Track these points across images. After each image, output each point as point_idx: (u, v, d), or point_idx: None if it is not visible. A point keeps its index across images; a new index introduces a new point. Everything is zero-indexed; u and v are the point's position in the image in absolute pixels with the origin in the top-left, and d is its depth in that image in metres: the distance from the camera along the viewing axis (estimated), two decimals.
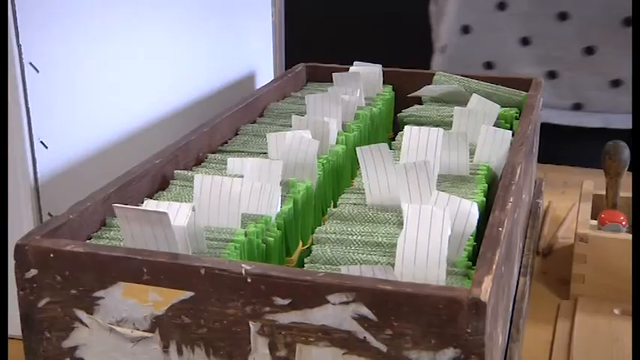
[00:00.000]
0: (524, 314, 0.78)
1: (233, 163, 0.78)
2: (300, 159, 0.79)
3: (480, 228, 0.66)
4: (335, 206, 0.75)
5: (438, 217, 0.57)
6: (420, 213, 0.58)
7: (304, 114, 0.94)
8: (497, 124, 0.93)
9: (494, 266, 0.54)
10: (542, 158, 1.22)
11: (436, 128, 0.76)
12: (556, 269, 0.98)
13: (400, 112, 1.02)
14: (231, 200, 0.67)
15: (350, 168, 0.90)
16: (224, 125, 0.92)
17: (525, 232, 0.93)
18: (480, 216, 0.69)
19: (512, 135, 0.85)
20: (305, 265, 0.63)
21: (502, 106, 1.01)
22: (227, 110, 0.95)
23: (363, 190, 0.73)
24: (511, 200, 0.66)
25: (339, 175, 0.87)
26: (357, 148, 0.72)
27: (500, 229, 0.60)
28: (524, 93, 1.02)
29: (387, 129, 1.11)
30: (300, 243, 0.76)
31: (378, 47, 1.53)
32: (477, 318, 0.50)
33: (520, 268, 0.86)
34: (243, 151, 0.88)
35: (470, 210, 0.61)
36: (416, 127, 0.77)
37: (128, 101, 0.95)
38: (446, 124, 0.96)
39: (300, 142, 0.79)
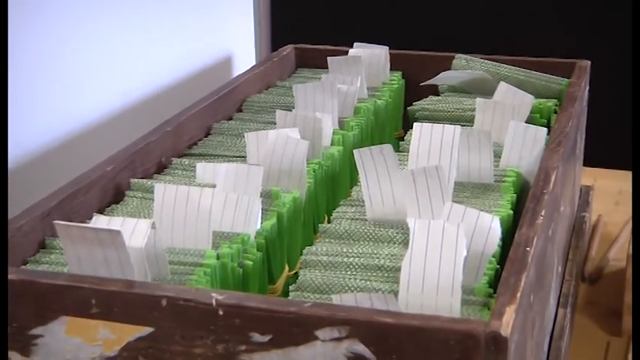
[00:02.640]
0: (563, 354, 0.81)
1: (203, 169, 0.81)
2: (285, 164, 0.81)
3: (507, 248, 0.68)
4: (329, 222, 0.77)
5: (450, 234, 0.60)
6: (429, 229, 0.60)
7: (292, 108, 0.97)
8: (530, 119, 0.96)
9: (518, 294, 0.57)
10: (592, 161, 1.25)
11: (452, 125, 0.78)
12: (605, 299, 1.00)
13: (411, 104, 1.05)
14: (200, 215, 0.69)
15: (348, 175, 0.93)
16: (192, 123, 0.94)
17: (566, 254, 0.96)
18: (505, 233, 0.71)
19: (549, 133, 0.88)
20: (290, 294, 0.65)
21: (537, 97, 1.04)
22: (196, 104, 0.97)
23: (363, 201, 0.75)
24: (543, 214, 0.68)
25: (335, 183, 0.90)
26: (355, 151, 0.75)
27: (528, 248, 0.63)
28: (566, 80, 1.05)
29: (396, 126, 1.14)
30: (287, 267, 0.78)
31: (384, 25, 1.55)
32: (496, 357, 0.52)
33: (559, 297, 0.88)
34: (216, 155, 0.90)
35: (490, 225, 0.64)
36: (427, 125, 0.79)
37: (76, 93, 0.97)
38: (467, 120, 0.98)
39: (285, 144, 0.82)
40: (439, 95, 1.08)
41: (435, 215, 0.69)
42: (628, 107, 1.28)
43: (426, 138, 0.79)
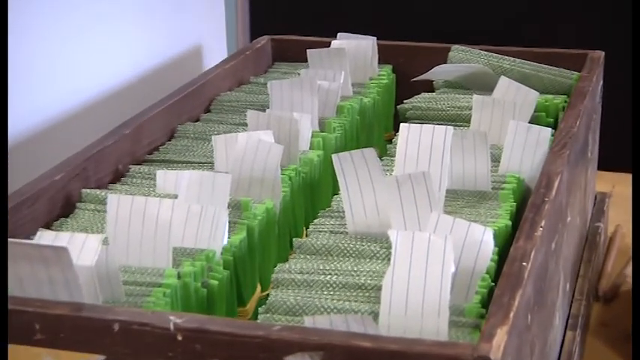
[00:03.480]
0: None
1: (164, 177, 0.82)
2: (257, 171, 0.83)
3: (504, 263, 0.70)
4: (307, 235, 0.79)
5: (437, 247, 0.62)
6: (413, 243, 0.62)
7: (267, 107, 0.99)
8: (534, 119, 0.98)
9: (511, 314, 0.58)
10: (609, 165, 1.27)
11: (444, 126, 0.80)
12: (622, 320, 1.02)
13: (402, 103, 1.06)
14: (159, 229, 0.71)
15: (330, 182, 0.95)
16: (154, 125, 0.96)
17: (577, 269, 0.98)
18: (503, 247, 0.73)
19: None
20: (259, 316, 0.67)
21: (544, 93, 1.06)
22: (158, 104, 0.99)
23: (344, 212, 0.77)
24: (543, 224, 0.70)
25: (315, 192, 0.92)
26: (334, 156, 0.76)
27: (525, 263, 0.64)
28: (577, 74, 1.07)
29: (385, 127, 1.16)
30: (259, 287, 0.80)
31: (372, 13, 1.56)
32: None
33: (567, 318, 0.90)
34: (180, 162, 0.92)
35: (482, 238, 0.66)
36: (416, 125, 0.81)
37: (23, 91, 0.98)
38: (464, 120, 1.00)
39: (257, 148, 0.83)
40: (434, 92, 1.10)
41: (422, 227, 0.71)
42: None
43: (414, 140, 0.81)
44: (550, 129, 0.88)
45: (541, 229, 0.70)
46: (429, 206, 0.72)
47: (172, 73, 1.26)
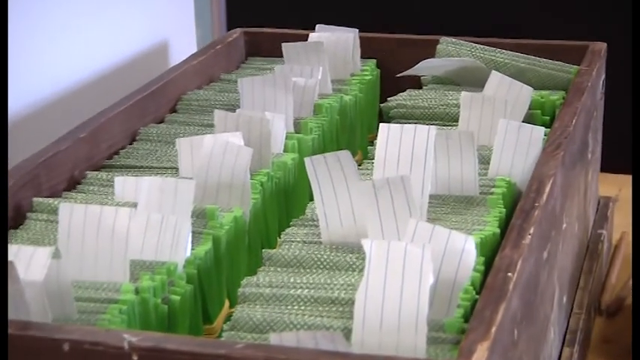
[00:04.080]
0: None
1: (123, 184, 0.83)
2: (225, 176, 0.84)
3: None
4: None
5: (414, 258, 0.63)
6: (389, 253, 0.63)
7: (238, 107, 1.00)
8: (529, 117, 0.99)
9: (493, 329, 0.59)
10: (616, 167, 1.28)
11: (426, 126, 0.81)
12: (626, 336, 1.03)
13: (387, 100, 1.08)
14: (116, 241, 0.72)
15: (307, 188, 0.95)
16: (113, 126, 0.96)
17: (576, 280, 0.99)
18: (491, 256, 0.74)
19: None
20: (223, 334, 0.68)
21: (542, 89, 1.07)
22: (119, 103, 0.99)
23: (318, 220, 0.78)
24: (531, 232, 0.71)
25: (289, 198, 0.93)
26: (306, 159, 0.77)
27: (510, 274, 0.65)
28: (577, 68, 1.08)
29: (369, 127, 1.17)
30: (227, 303, 0.81)
31: (354, 2, 1.56)
32: None
33: (564, 334, 0.91)
34: (142, 167, 0.93)
35: (464, 247, 0.67)
36: (396, 126, 0.82)
37: None
38: (453, 119, 1.01)
39: (224, 151, 0.84)
40: (421, 88, 1.11)
41: (400, 236, 0.72)
42: None
43: (394, 142, 0.82)
44: (544, 128, 0.90)
45: (530, 236, 0.71)
46: (409, 213, 0.73)
47: (135, 70, 1.27)
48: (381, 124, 0.83)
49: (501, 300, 0.63)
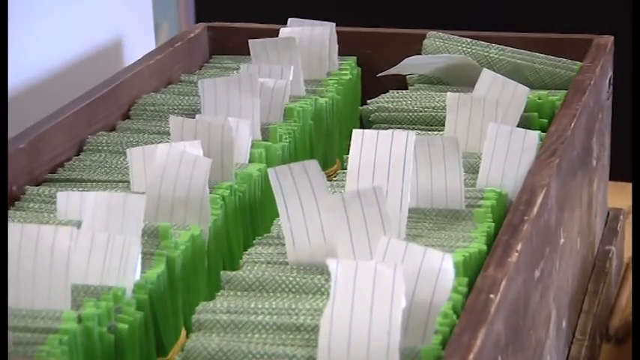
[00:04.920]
0: None
1: (66, 200, 0.84)
2: (180, 190, 0.85)
3: None
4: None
5: (384, 279, 0.64)
6: (357, 274, 0.65)
7: (198, 112, 1.01)
8: (525, 120, 1.01)
9: (471, 356, 0.61)
10: (626, 175, 1.29)
11: (404, 131, 0.83)
12: None
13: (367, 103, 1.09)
14: (56, 263, 0.72)
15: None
16: (57, 136, 0.97)
17: (579, 303, 1.00)
18: (475, 276, 0.76)
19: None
20: None
21: (541, 88, 1.09)
22: (63, 109, 1.00)
23: (284, 239, 0.80)
24: (519, 249, 0.73)
25: (255, 214, 0.94)
26: (270, 170, 0.79)
27: (492, 295, 0.67)
28: (579, 64, 1.10)
29: (348, 133, 1.16)
30: (183, 332, 0.82)
31: None
32: None
33: None
34: (90, 180, 0.94)
35: (440, 266, 0.69)
36: (370, 132, 0.84)
37: None
38: (441, 123, 1.03)
39: (180, 162, 0.86)
40: (407, 88, 1.13)
41: (373, 255, 0.74)
42: None
43: (369, 150, 0.83)
44: (539, 132, 0.91)
45: (517, 253, 0.73)
46: (382, 229, 0.74)
47: (86, 71, 1.27)
48: (354, 131, 0.85)
49: (481, 324, 0.64)
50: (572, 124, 0.93)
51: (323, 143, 1.10)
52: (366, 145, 0.84)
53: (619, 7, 1.51)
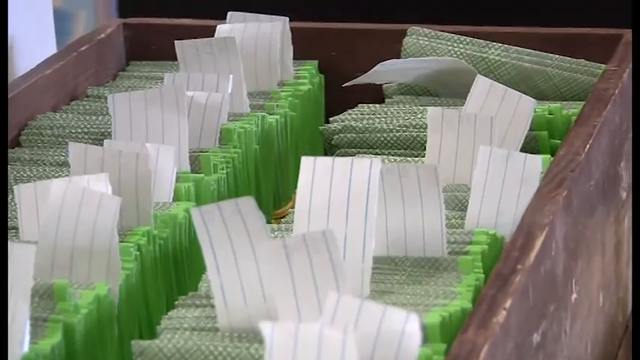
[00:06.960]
0: None
1: None
2: (82, 238, 0.89)
3: None
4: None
5: (332, 346, 0.67)
6: (297, 340, 0.68)
7: (105, 136, 1.05)
8: (531, 142, 1.05)
9: None
10: None
11: (367, 159, 0.87)
12: None
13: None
14: None
15: None
16: None
17: None
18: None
19: None
20: None
21: (554, 99, 1.12)
22: None
23: (213, 297, 0.84)
24: (507, 306, 0.77)
25: (181, 268, 0.98)
26: (193, 211, 0.82)
27: None
28: (603, 66, 1.14)
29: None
30: None
31: None
32: None
33: None
34: None
35: (403, 329, 0.73)
36: (324, 159, 0.88)
37: None
38: (422, 147, 1.06)
39: (80, 202, 0.89)
40: (383, 101, 1.17)
41: (323, 314, 0.77)
42: None
43: (322, 182, 0.87)
44: (543, 157, 0.95)
45: (504, 312, 0.76)
46: (335, 285, 0.78)
47: None
48: (302, 158, 0.88)
49: None
50: (588, 146, 0.96)
51: (273, 174, 1.14)
52: (318, 176, 0.87)
53: None
